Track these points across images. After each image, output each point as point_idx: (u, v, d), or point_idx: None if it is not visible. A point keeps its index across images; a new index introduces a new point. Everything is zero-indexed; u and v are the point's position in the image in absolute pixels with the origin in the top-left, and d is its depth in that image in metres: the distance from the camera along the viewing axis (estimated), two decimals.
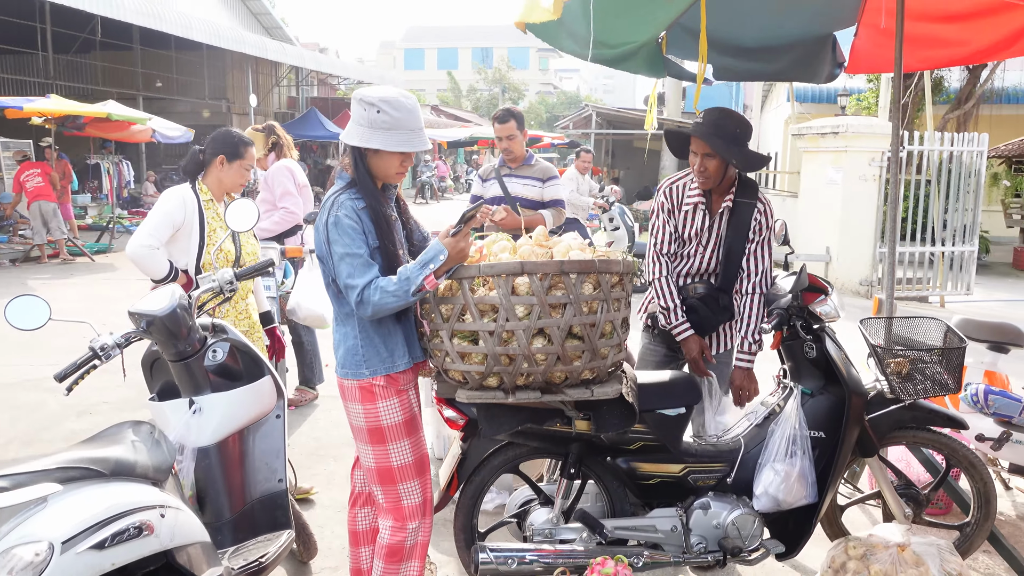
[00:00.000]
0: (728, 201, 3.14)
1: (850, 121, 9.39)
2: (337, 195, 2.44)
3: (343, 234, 2.36)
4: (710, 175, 3.06)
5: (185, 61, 23.12)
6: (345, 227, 2.36)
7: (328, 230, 2.38)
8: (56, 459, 1.91)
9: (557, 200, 4.58)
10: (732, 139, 3.02)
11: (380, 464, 2.51)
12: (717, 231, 3.18)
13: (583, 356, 2.36)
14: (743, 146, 3.07)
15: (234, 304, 3.47)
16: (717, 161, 3.03)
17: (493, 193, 4.59)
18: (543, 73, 71.48)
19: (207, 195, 3.44)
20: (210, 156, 3.44)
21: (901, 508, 3.02)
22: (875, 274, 9.56)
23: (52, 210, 11.95)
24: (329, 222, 2.38)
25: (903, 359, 2.92)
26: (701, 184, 3.12)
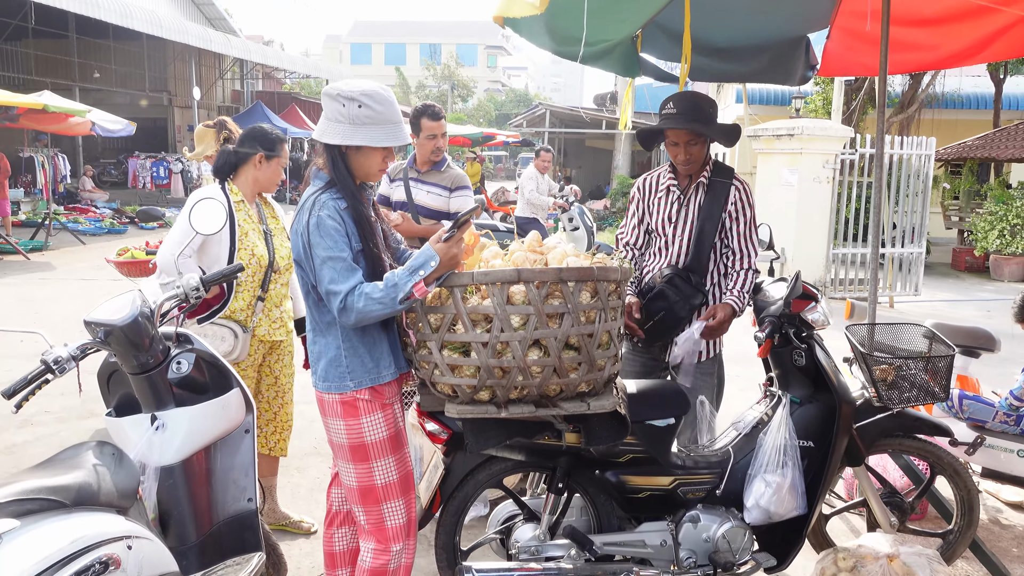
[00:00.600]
0: (702, 179, 3.14)
1: (805, 124, 9.50)
2: (317, 195, 2.28)
3: (325, 236, 2.21)
4: (696, 160, 3.10)
5: (124, 51, 22.29)
6: (328, 228, 2.21)
7: (309, 232, 2.22)
8: (10, 490, 1.72)
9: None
10: (708, 120, 3.08)
11: (363, 483, 2.36)
12: (688, 211, 3.16)
13: (580, 368, 2.25)
14: (715, 122, 3.12)
15: (267, 312, 3.29)
16: (701, 145, 3.08)
17: (399, 196, 4.19)
18: (491, 71, 71.41)
19: (238, 196, 3.23)
20: (245, 154, 3.23)
21: (887, 517, 3.00)
22: (828, 274, 9.71)
23: None
24: (311, 223, 2.22)
25: (888, 366, 2.89)
26: (687, 169, 3.15)
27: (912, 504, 3.10)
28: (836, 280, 9.80)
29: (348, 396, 2.31)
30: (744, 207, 3.13)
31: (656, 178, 3.30)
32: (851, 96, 13.72)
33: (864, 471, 3.01)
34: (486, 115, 51.90)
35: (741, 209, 3.12)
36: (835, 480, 2.95)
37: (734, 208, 3.12)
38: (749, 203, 3.14)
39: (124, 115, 16.26)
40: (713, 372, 3.22)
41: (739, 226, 3.12)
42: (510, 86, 71.69)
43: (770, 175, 9.92)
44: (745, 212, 3.13)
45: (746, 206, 3.13)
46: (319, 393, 2.37)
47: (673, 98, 3.11)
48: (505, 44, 71.62)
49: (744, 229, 3.13)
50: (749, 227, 3.13)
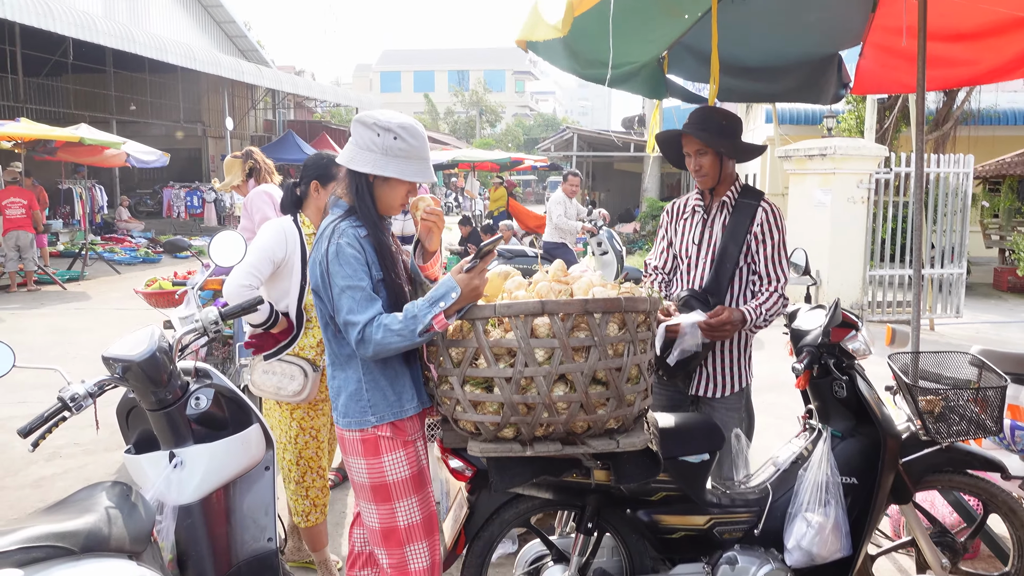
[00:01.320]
0: (726, 198, 3.04)
1: (838, 143, 9.33)
2: (336, 223, 2.22)
3: (345, 264, 2.14)
4: (706, 172, 3.01)
5: (159, 84, 22.82)
6: (348, 256, 2.15)
7: (328, 261, 2.16)
8: (15, 537, 1.65)
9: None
10: (719, 131, 2.98)
11: (385, 524, 2.27)
12: (711, 232, 3.06)
13: (608, 403, 2.15)
14: (732, 138, 3.01)
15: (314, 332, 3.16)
16: (710, 156, 2.98)
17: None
18: (519, 95, 71.91)
19: (309, 228, 3.13)
20: (306, 185, 3.15)
21: (938, 558, 2.83)
22: (865, 297, 9.47)
23: (29, 241, 11.65)
24: (330, 251, 2.16)
25: (935, 397, 2.74)
26: (700, 183, 3.07)
27: (964, 544, 2.92)
28: (873, 303, 9.56)
29: (369, 433, 2.23)
30: (771, 229, 2.98)
31: (685, 201, 3.23)
32: (884, 114, 13.49)
33: (912, 509, 2.85)
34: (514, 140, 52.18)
35: (768, 231, 2.98)
36: (881, 518, 2.79)
37: (760, 230, 2.98)
38: (777, 226, 3.00)
39: (160, 146, 16.56)
40: (740, 407, 3.09)
41: (766, 249, 2.98)
42: (538, 111, 72.12)
43: (802, 196, 9.75)
44: (772, 235, 2.98)
45: (774, 228, 2.99)
46: (339, 430, 2.30)
47: (694, 110, 3.10)
48: (532, 69, 72.14)
49: (771, 252, 2.98)
50: (777, 250, 2.99)
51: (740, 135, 3.07)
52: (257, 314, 2.93)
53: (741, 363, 3.05)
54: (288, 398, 3.01)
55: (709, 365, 3.02)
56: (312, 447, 3.15)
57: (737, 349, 3.03)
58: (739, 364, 3.04)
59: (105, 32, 15.23)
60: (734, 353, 3.02)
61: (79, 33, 14.57)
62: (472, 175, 25.10)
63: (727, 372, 3.03)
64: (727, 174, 3.04)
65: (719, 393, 3.03)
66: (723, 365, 3.02)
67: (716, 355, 3.01)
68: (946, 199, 9.30)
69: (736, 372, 3.04)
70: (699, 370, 3.03)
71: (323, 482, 3.20)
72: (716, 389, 3.03)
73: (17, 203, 11.65)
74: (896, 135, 14.02)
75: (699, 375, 3.04)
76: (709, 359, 3.01)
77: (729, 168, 3.05)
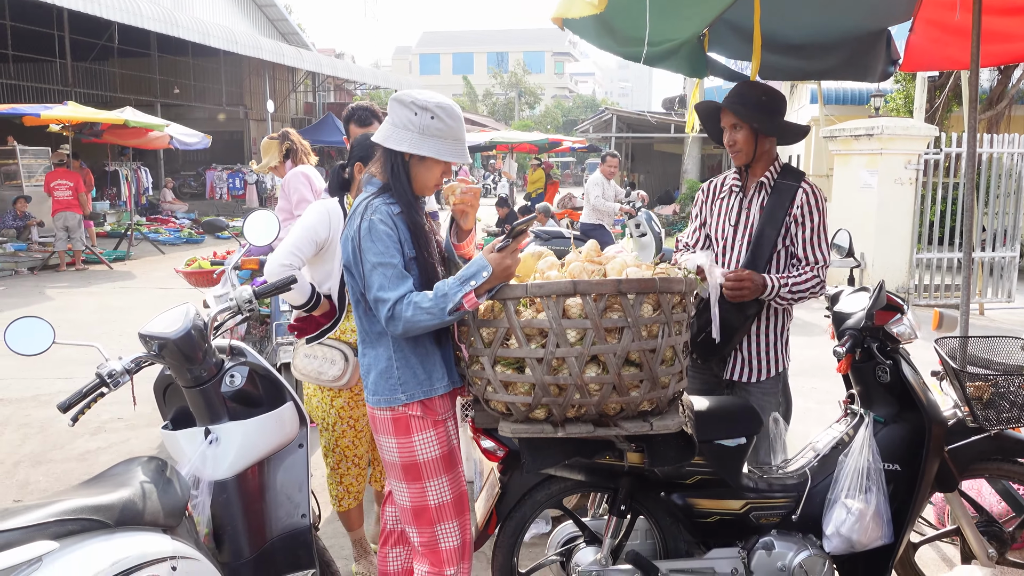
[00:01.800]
0: (765, 179, 2.95)
1: (885, 123, 9.07)
2: (370, 199, 2.21)
3: (377, 241, 2.13)
4: (740, 147, 2.92)
5: (202, 67, 23.13)
6: (380, 233, 2.14)
7: (360, 237, 2.15)
8: (52, 510, 1.68)
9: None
10: (756, 106, 2.88)
11: (415, 503, 2.27)
12: (749, 213, 2.96)
13: (641, 386, 2.11)
14: (772, 114, 2.91)
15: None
16: (745, 131, 2.90)
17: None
18: (558, 77, 71.39)
19: None
20: (352, 167, 3.10)
21: (984, 548, 2.74)
22: (912, 281, 9.24)
23: (77, 222, 11.94)
24: (362, 228, 2.15)
25: (984, 383, 2.65)
26: (735, 160, 2.98)
27: (1013, 534, 2.83)
28: (920, 286, 9.32)
29: (399, 412, 2.22)
30: (812, 211, 2.88)
31: (722, 181, 3.13)
32: (934, 93, 13.07)
33: (957, 497, 2.76)
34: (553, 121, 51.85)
35: (808, 213, 2.87)
36: (924, 506, 2.71)
37: (800, 212, 2.87)
38: (818, 208, 2.89)
39: (203, 129, 16.82)
40: (776, 391, 3.00)
41: (804, 231, 2.88)
42: (577, 92, 71.53)
43: (848, 177, 9.51)
44: (812, 217, 2.88)
45: (814, 210, 2.88)
46: (370, 409, 2.30)
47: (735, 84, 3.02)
48: (572, 50, 71.52)
49: (811, 235, 2.88)
50: (817, 233, 2.88)
51: (782, 113, 2.96)
52: (298, 295, 2.92)
53: (778, 347, 2.97)
54: (329, 383, 2.98)
55: (744, 349, 2.95)
56: (349, 436, 3.13)
57: (773, 333, 2.95)
58: (775, 348, 2.96)
59: (150, 17, 15.47)
60: (770, 337, 2.95)
61: (124, 18, 14.82)
62: (510, 157, 25.01)
63: (763, 356, 2.95)
64: (764, 152, 2.94)
65: (755, 377, 2.96)
66: (759, 349, 2.95)
67: (752, 339, 2.94)
68: (999, 180, 9.00)
69: (772, 356, 2.96)
70: (734, 354, 2.97)
71: (358, 470, 3.19)
72: (752, 373, 2.96)
73: (64, 185, 11.92)
74: (947, 115, 13.59)
75: (734, 359, 2.97)
76: (744, 343, 2.95)
77: (766, 146, 2.94)
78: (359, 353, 2.35)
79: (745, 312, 2.87)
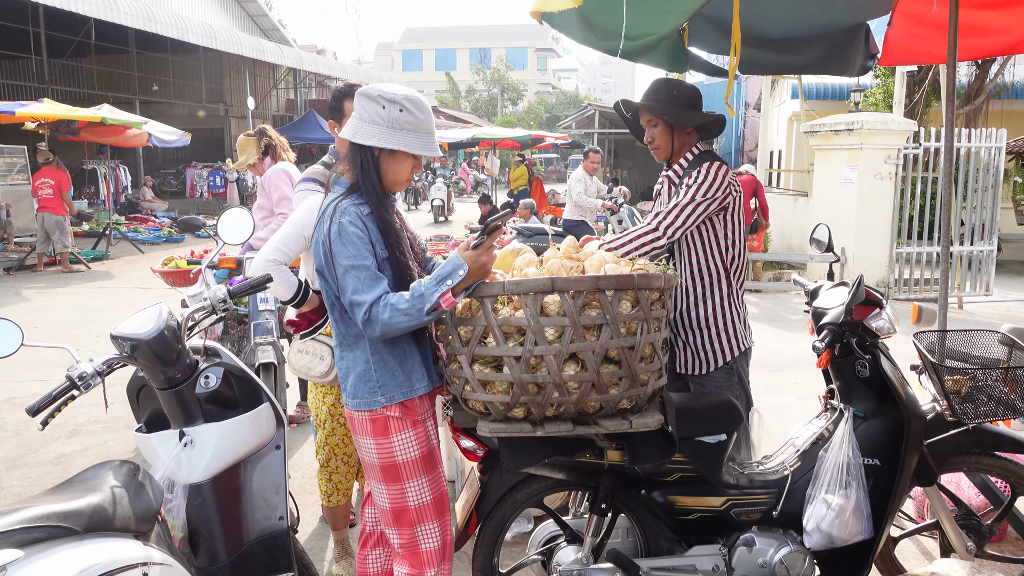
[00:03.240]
0: (677, 166, 3.00)
1: (865, 117, 9.12)
2: (338, 201, 2.17)
3: (348, 243, 2.10)
4: (658, 143, 2.99)
5: (181, 64, 22.89)
6: (350, 235, 2.10)
7: (331, 241, 2.12)
8: (17, 517, 1.64)
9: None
10: (669, 101, 2.92)
11: (395, 504, 2.24)
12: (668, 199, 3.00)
13: (620, 383, 2.09)
14: (685, 107, 2.93)
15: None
16: (661, 128, 2.96)
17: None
18: (541, 73, 71.31)
19: None
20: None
21: (963, 541, 2.75)
22: (892, 275, 9.30)
23: (55, 223, 11.56)
24: (332, 231, 2.12)
25: (962, 377, 2.65)
26: (656, 156, 3.05)
27: (991, 526, 2.84)
28: (900, 280, 9.38)
29: (378, 414, 2.19)
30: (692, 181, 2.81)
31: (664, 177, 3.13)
32: (913, 88, 13.17)
33: (936, 491, 2.77)
34: (536, 118, 51.81)
35: (688, 184, 2.82)
36: (904, 501, 2.72)
37: (685, 183, 2.85)
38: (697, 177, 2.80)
39: (182, 126, 16.63)
40: (731, 384, 2.92)
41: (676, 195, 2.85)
42: (560, 88, 71.50)
43: (828, 172, 9.57)
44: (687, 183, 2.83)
45: (693, 179, 2.81)
46: (348, 411, 2.27)
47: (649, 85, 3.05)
48: (555, 47, 71.47)
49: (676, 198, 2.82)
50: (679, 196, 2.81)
51: (696, 107, 2.94)
52: (284, 291, 2.87)
53: (721, 336, 2.90)
54: (317, 379, 2.97)
55: (690, 341, 2.92)
56: (339, 434, 3.12)
57: (712, 320, 2.90)
58: (719, 337, 2.90)
59: (127, 12, 15.27)
60: (712, 325, 2.90)
61: (101, 13, 14.62)
62: (493, 153, 24.96)
63: (708, 346, 2.91)
64: (682, 146, 2.97)
65: (703, 369, 2.92)
66: (703, 339, 2.91)
67: (694, 329, 2.91)
68: (977, 175, 9.08)
69: (717, 346, 2.90)
70: (682, 347, 2.95)
71: (347, 468, 3.18)
72: (700, 365, 2.92)
73: (45, 183, 11.56)
74: (926, 110, 13.70)
75: (683, 352, 2.95)
76: (688, 335, 2.92)
77: (684, 139, 2.96)
78: (336, 356, 2.31)
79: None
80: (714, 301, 2.91)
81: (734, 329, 2.93)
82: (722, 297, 2.92)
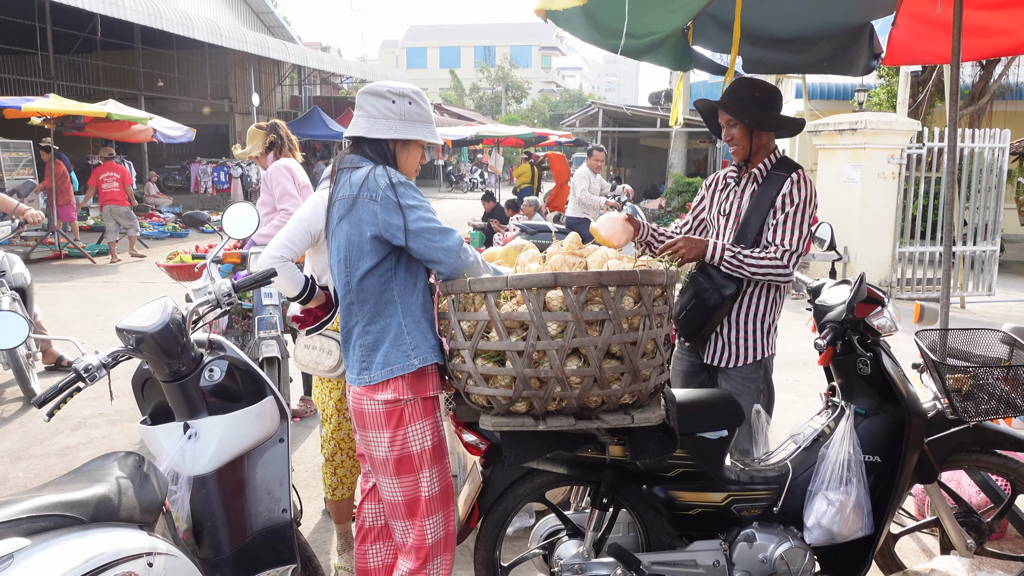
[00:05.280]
0: (756, 171, 3.02)
1: (869, 117, 9.10)
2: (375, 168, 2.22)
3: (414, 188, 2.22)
4: (737, 142, 3.02)
5: (187, 60, 22.92)
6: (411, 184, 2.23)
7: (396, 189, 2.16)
8: (24, 506, 1.66)
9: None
10: (751, 102, 2.96)
11: (408, 496, 2.26)
12: (740, 202, 3.05)
13: (622, 378, 2.10)
14: (766, 110, 2.97)
15: None
16: (740, 128, 2.99)
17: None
18: (545, 71, 71.26)
19: None
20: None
21: (963, 538, 2.76)
22: (894, 274, 9.29)
23: (124, 213, 12.45)
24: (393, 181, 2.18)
25: (963, 375, 2.66)
26: (734, 155, 3.07)
27: (991, 524, 2.85)
28: (903, 280, 9.38)
29: (392, 404, 2.20)
30: (791, 200, 2.91)
31: (723, 175, 3.23)
32: (917, 88, 13.14)
33: (937, 488, 2.78)
34: (540, 116, 51.76)
35: (789, 201, 2.92)
36: (904, 498, 2.73)
37: (782, 200, 2.93)
38: (800, 197, 2.91)
39: (187, 122, 16.66)
40: (757, 378, 3.02)
41: (777, 216, 2.92)
42: (564, 86, 71.46)
43: (832, 172, 9.55)
44: (792, 203, 2.91)
45: (795, 199, 2.91)
46: (358, 401, 2.27)
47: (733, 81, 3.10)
48: (559, 45, 71.39)
49: (783, 220, 2.90)
50: (790, 220, 2.90)
51: (777, 108, 3.02)
52: (291, 287, 2.87)
53: (758, 334, 3.00)
54: (325, 373, 2.97)
55: (724, 333, 3.00)
56: (345, 428, 3.13)
57: (754, 319, 2.99)
58: (755, 335, 3.00)
59: (133, 8, 15.29)
60: (751, 323, 2.99)
61: (107, 9, 14.64)
62: (497, 151, 24.96)
63: (743, 341, 3.00)
64: (761, 146, 3.01)
65: (734, 363, 3.00)
66: (739, 334, 3.00)
67: (732, 323, 3.00)
68: (980, 175, 9.07)
69: (752, 342, 3.00)
70: (715, 337, 3.02)
71: (352, 462, 3.19)
72: (731, 358, 3.01)
73: (112, 177, 12.40)
74: (930, 110, 13.67)
75: (715, 343, 3.03)
76: (725, 327, 3.00)
77: (763, 140, 3.01)
78: (360, 333, 2.28)
79: (722, 292, 2.91)
80: (767, 300, 3.00)
81: (771, 329, 3.04)
82: (775, 299, 3.02)
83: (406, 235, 2.15)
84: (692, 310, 2.99)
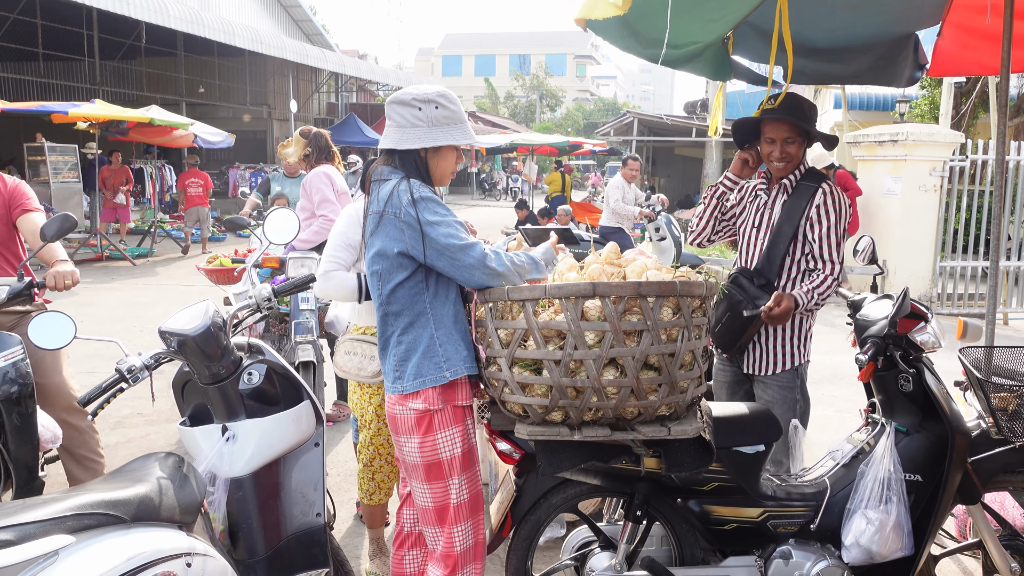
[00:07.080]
0: (786, 182, 3.05)
1: (910, 128, 8.96)
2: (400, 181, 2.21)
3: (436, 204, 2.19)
4: (793, 160, 3.02)
5: (227, 67, 23.32)
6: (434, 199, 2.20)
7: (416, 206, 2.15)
8: (69, 504, 1.69)
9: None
10: (808, 120, 3.01)
11: (438, 503, 2.27)
12: (771, 214, 3.08)
13: (660, 390, 2.09)
14: (813, 122, 3.04)
15: None
16: (798, 144, 3.01)
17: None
18: (580, 80, 71.28)
19: None
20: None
21: (1007, 562, 2.69)
22: (935, 289, 9.11)
23: (207, 213, 14.26)
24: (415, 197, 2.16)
25: (1009, 394, 2.60)
26: (781, 170, 3.06)
27: None
28: (943, 295, 9.19)
29: (421, 411, 2.21)
30: (827, 211, 2.96)
31: (752, 187, 3.25)
32: (960, 99, 12.90)
33: (980, 510, 2.71)
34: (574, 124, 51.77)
35: (824, 213, 2.96)
36: (946, 518, 2.67)
37: (816, 212, 2.97)
38: (835, 208, 2.97)
39: (227, 128, 16.97)
40: (794, 387, 3.04)
41: (819, 230, 2.97)
42: (599, 95, 71.37)
43: (871, 184, 9.41)
44: (828, 216, 2.96)
45: (830, 210, 2.96)
46: (394, 407, 2.28)
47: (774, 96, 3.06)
48: (594, 53, 71.37)
49: (824, 233, 2.96)
50: (830, 232, 2.96)
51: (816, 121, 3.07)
52: (348, 293, 2.87)
53: (794, 341, 3.04)
54: (368, 379, 2.98)
55: (762, 341, 3.04)
56: (384, 434, 3.12)
57: (790, 326, 3.02)
58: (791, 342, 3.04)
59: (177, 16, 15.61)
60: (788, 331, 3.02)
61: (152, 17, 14.97)
62: (531, 159, 25.00)
63: (779, 349, 3.03)
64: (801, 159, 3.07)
65: (771, 370, 3.03)
66: (776, 342, 3.03)
67: (769, 332, 3.02)
68: None
69: (789, 349, 3.03)
70: (752, 347, 3.05)
71: (391, 468, 3.19)
72: (768, 366, 3.03)
73: (196, 183, 13.96)
74: (973, 121, 13.40)
75: (752, 352, 3.06)
76: (762, 336, 3.03)
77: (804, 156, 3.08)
78: (392, 343, 2.30)
79: (757, 304, 2.95)
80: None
81: (806, 336, 3.07)
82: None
83: (425, 255, 2.17)
84: (728, 322, 3.03)
